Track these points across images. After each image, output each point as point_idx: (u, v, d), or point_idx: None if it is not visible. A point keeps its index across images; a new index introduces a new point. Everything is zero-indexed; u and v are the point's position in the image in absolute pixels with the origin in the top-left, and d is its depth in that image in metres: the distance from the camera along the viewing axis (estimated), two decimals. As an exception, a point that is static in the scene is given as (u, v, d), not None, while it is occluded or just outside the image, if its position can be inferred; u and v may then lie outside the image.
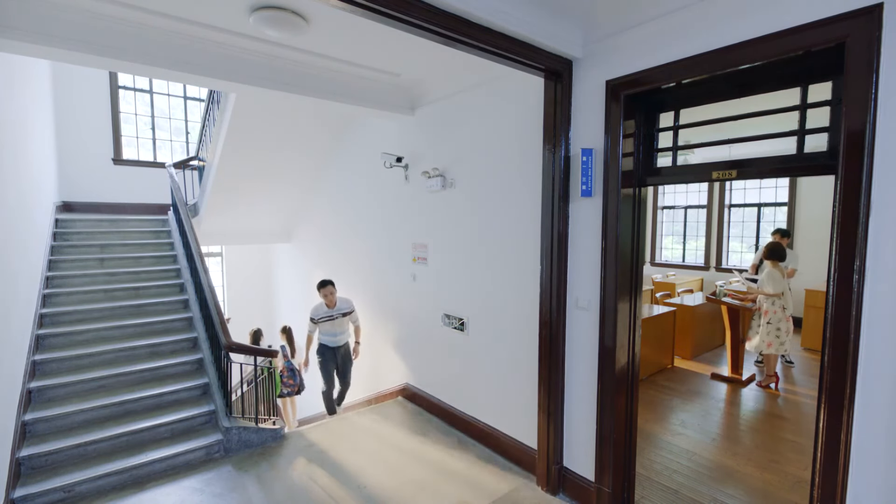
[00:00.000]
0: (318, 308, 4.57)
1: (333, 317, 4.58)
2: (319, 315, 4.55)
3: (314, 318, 4.56)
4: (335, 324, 4.60)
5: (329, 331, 4.60)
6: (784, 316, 4.47)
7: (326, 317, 4.55)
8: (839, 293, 1.73)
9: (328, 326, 4.57)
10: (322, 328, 4.59)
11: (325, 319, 4.55)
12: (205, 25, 2.83)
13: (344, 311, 4.64)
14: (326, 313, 4.56)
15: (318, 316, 4.55)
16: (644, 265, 3.87)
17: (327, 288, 4.57)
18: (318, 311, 4.56)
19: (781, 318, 4.47)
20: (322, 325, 4.57)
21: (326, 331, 4.60)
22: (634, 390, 2.62)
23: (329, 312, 4.56)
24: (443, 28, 2.04)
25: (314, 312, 4.56)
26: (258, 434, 3.55)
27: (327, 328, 4.58)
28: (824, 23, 1.72)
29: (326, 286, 4.56)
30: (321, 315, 4.56)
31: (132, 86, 7.22)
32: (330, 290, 4.56)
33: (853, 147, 1.67)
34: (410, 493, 2.94)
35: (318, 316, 4.55)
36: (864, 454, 1.72)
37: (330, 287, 4.57)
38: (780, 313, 4.47)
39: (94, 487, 2.95)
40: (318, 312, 4.56)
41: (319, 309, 4.57)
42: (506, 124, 3.23)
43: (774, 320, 4.47)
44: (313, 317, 4.56)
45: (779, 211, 7.71)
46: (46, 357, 3.67)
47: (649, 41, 2.28)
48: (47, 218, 5.02)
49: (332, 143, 5.51)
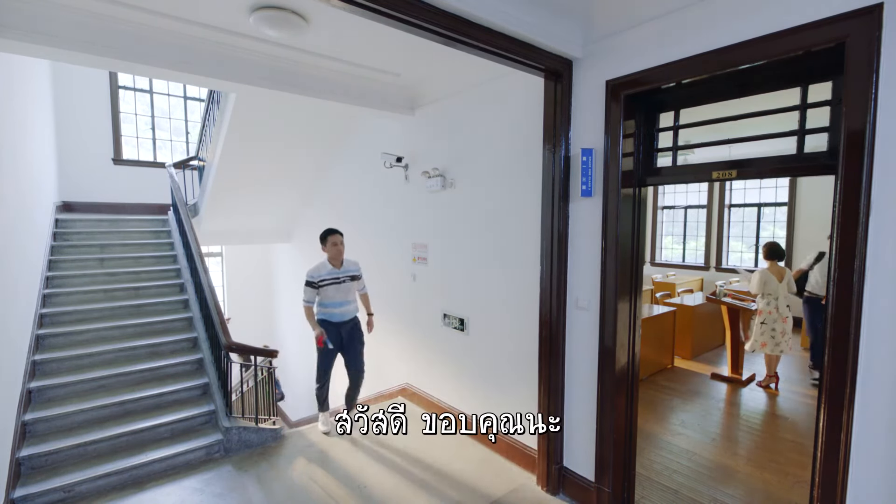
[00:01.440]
0: (319, 268, 3.51)
1: (340, 279, 3.51)
2: (321, 276, 3.46)
3: (314, 280, 3.46)
4: (342, 289, 3.54)
5: (333, 299, 3.51)
6: (780, 316, 4.46)
7: (332, 279, 3.48)
8: (839, 293, 1.73)
9: (332, 292, 3.49)
10: (324, 295, 3.50)
11: (329, 282, 3.47)
12: (205, 25, 2.83)
13: (352, 274, 3.63)
14: (332, 274, 3.50)
15: (320, 277, 3.46)
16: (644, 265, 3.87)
17: (335, 237, 3.50)
18: (320, 272, 3.48)
19: (777, 319, 4.45)
20: (325, 291, 3.49)
21: (329, 299, 3.51)
22: (634, 390, 2.62)
23: (335, 273, 3.51)
24: (443, 28, 2.04)
25: (314, 273, 3.48)
26: (258, 434, 3.55)
27: (331, 294, 3.49)
28: (824, 23, 1.71)
29: (334, 234, 3.51)
30: (324, 276, 3.47)
31: (132, 86, 7.22)
32: (338, 240, 3.51)
33: (853, 147, 1.67)
34: (410, 492, 2.94)
35: (318, 277, 3.46)
36: (864, 454, 1.72)
37: (338, 236, 3.52)
38: (775, 313, 4.46)
39: (94, 487, 2.95)
40: (318, 273, 3.48)
41: (321, 268, 3.50)
42: (506, 124, 3.23)
43: (769, 320, 4.46)
44: (312, 279, 3.46)
45: (779, 211, 7.71)
46: (46, 357, 3.67)
47: (649, 41, 2.28)
48: (47, 218, 5.02)
49: (332, 143, 5.51)
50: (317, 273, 3.48)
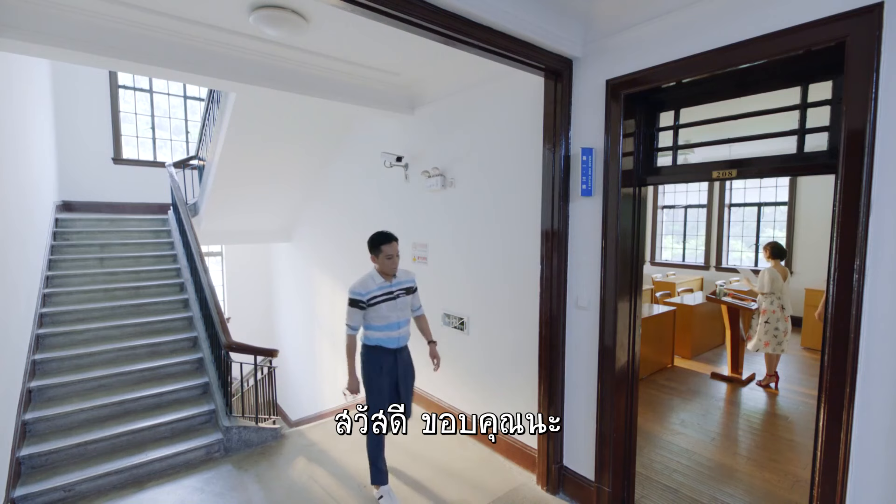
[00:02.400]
0: (366, 281, 2.70)
1: (394, 294, 2.74)
2: (371, 292, 2.67)
3: (362, 297, 2.65)
4: (398, 306, 2.75)
5: (388, 319, 2.72)
6: (783, 315, 4.47)
7: (384, 294, 2.71)
8: (839, 293, 1.72)
9: (386, 310, 2.71)
10: (376, 315, 2.70)
11: (381, 299, 2.70)
12: (205, 25, 2.82)
13: (407, 286, 2.84)
14: (383, 288, 2.72)
15: (369, 294, 2.67)
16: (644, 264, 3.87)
17: (391, 246, 2.71)
18: (368, 286, 2.68)
19: (780, 318, 4.47)
20: (377, 310, 2.69)
21: (384, 320, 2.72)
22: (634, 389, 2.62)
23: (387, 287, 2.73)
24: (443, 27, 2.04)
25: (360, 289, 2.67)
26: (258, 433, 3.55)
27: (384, 313, 2.71)
28: (824, 22, 1.71)
29: (389, 243, 2.72)
30: (374, 292, 2.68)
31: (132, 85, 7.22)
32: (394, 249, 2.74)
33: (853, 146, 1.67)
34: (410, 492, 2.94)
35: (367, 294, 2.66)
36: (864, 454, 1.72)
37: (394, 245, 2.74)
38: (779, 312, 4.47)
39: (94, 487, 2.95)
40: (367, 288, 2.67)
41: (369, 282, 2.70)
42: (506, 123, 3.23)
43: (773, 320, 4.47)
44: (360, 296, 2.66)
45: (779, 210, 7.70)
46: (46, 356, 3.67)
47: (649, 40, 2.28)
48: (47, 217, 5.02)
49: (332, 143, 5.50)
50: (364, 288, 2.66)
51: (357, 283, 2.71)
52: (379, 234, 2.76)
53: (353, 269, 5.34)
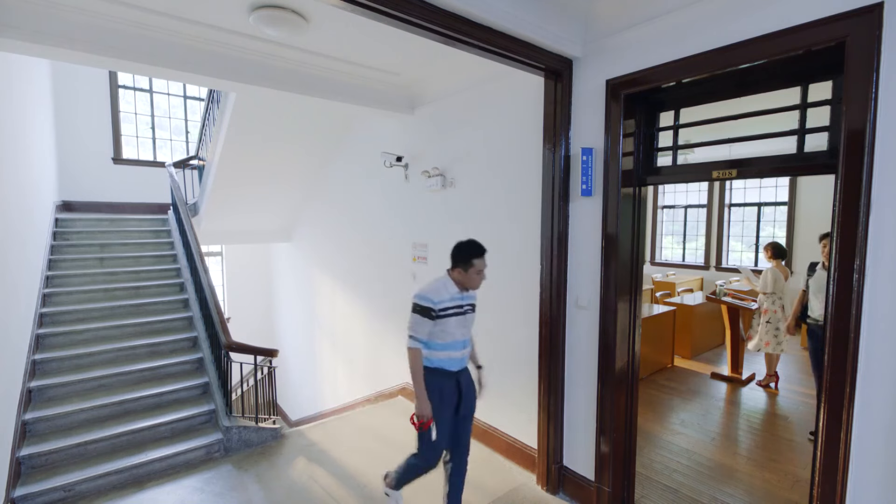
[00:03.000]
0: (440, 288, 2.34)
1: (463, 309, 2.39)
2: (442, 301, 2.30)
3: (435, 305, 2.28)
4: (465, 322, 2.41)
5: (454, 336, 2.36)
6: (784, 316, 4.48)
7: (455, 308, 2.35)
8: (839, 293, 1.72)
9: (454, 326, 2.35)
10: (443, 330, 2.33)
11: (452, 312, 2.33)
12: (205, 25, 2.82)
13: (474, 303, 2.48)
14: (455, 300, 2.35)
15: (441, 303, 2.30)
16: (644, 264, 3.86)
17: (483, 259, 2.38)
18: (441, 294, 2.31)
19: (781, 318, 4.47)
20: (445, 324, 2.32)
21: (450, 336, 2.34)
22: (634, 389, 2.62)
23: (459, 299, 2.37)
24: (443, 27, 2.04)
25: (432, 295, 2.30)
26: (258, 433, 3.55)
27: (452, 329, 2.34)
28: (824, 22, 1.71)
29: (483, 255, 2.38)
30: (445, 302, 2.31)
31: (132, 85, 7.22)
32: (484, 264, 2.40)
33: (853, 146, 1.67)
34: (410, 492, 2.94)
35: (439, 303, 2.29)
36: (864, 454, 1.72)
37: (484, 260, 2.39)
38: (780, 312, 4.48)
39: (94, 486, 2.95)
40: (439, 295, 2.31)
41: (443, 290, 2.33)
42: (506, 123, 3.23)
43: (774, 319, 4.47)
44: (432, 304, 2.29)
45: (779, 210, 7.70)
46: (46, 356, 3.67)
47: (649, 40, 2.28)
48: (47, 217, 5.02)
49: (332, 143, 5.50)
50: (437, 296, 2.29)
51: (428, 288, 2.32)
52: (471, 244, 2.36)
53: (354, 269, 5.35)
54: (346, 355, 5.64)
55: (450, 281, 2.37)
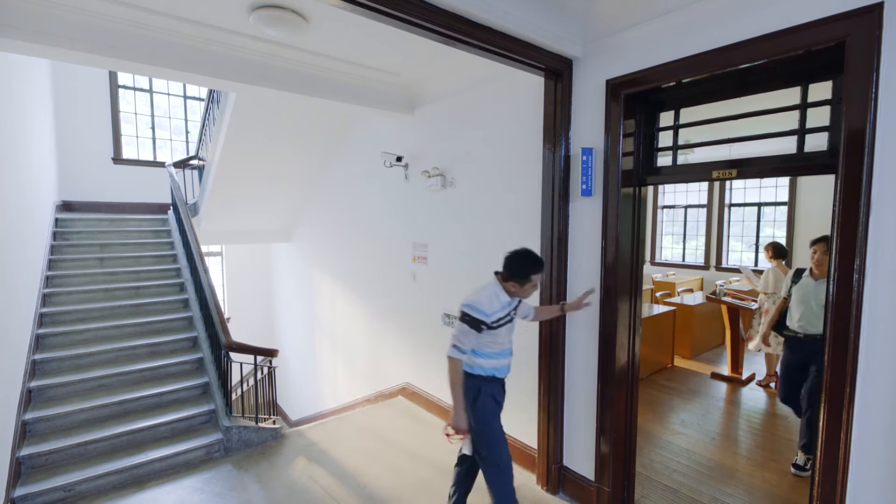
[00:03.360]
0: (492, 297, 2.22)
1: (510, 315, 2.31)
2: (495, 313, 2.21)
3: (488, 318, 2.18)
4: (513, 328, 2.38)
5: (502, 345, 2.31)
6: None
7: (506, 316, 2.28)
8: (839, 293, 1.72)
9: (504, 334, 2.30)
10: (495, 340, 2.26)
11: (504, 321, 2.27)
12: (205, 25, 2.82)
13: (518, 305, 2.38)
14: (506, 308, 2.27)
15: (494, 315, 2.20)
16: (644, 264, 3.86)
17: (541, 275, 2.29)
18: (493, 305, 2.20)
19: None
20: (494, 335, 2.25)
21: (501, 346, 2.30)
22: (634, 389, 2.62)
23: (509, 306, 2.29)
24: (443, 27, 2.04)
25: (485, 308, 2.18)
26: (258, 433, 3.55)
27: (502, 338, 2.30)
28: (824, 22, 1.71)
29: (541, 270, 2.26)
30: (498, 313, 2.22)
31: (132, 85, 7.22)
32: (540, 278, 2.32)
33: (853, 146, 1.67)
34: (410, 492, 2.94)
35: (492, 315, 2.19)
36: (864, 454, 1.72)
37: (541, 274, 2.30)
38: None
39: (94, 486, 2.95)
40: (492, 307, 2.20)
41: (494, 300, 2.22)
42: (506, 123, 3.23)
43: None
44: (485, 315, 2.17)
45: (779, 210, 7.70)
46: (46, 356, 3.67)
47: (649, 40, 2.28)
48: (47, 217, 5.02)
49: (332, 143, 5.50)
50: (490, 308, 2.18)
51: (481, 298, 2.19)
52: (530, 257, 2.22)
53: (354, 269, 5.35)
54: (346, 355, 5.64)
55: (501, 289, 2.26)
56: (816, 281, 3.11)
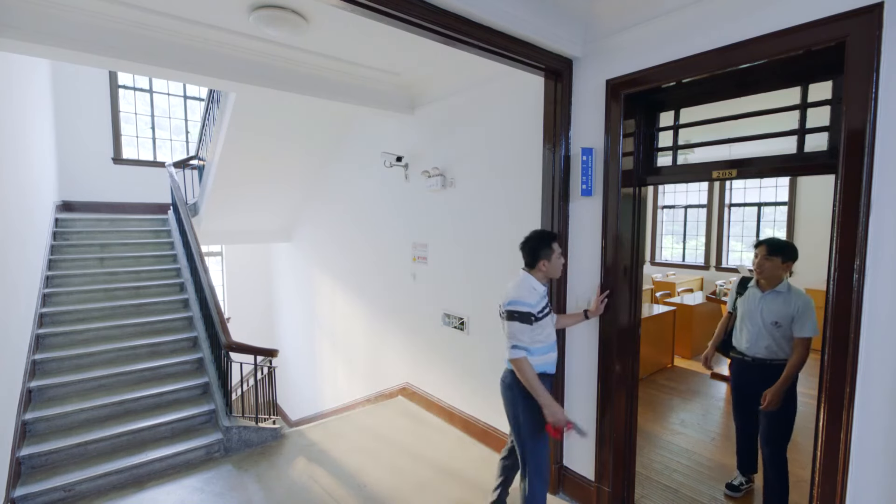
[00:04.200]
0: (531, 289, 2.19)
1: (550, 307, 2.29)
2: (538, 303, 2.17)
3: (532, 309, 2.13)
4: (553, 319, 2.33)
5: (549, 337, 2.24)
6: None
7: (547, 306, 2.24)
8: (839, 293, 1.72)
9: (549, 325, 2.25)
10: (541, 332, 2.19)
11: (546, 311, 2.22)
12: (205, 24, 2.82)
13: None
14: (545, 298, 2.24)
15: (538, 305, 2.16)
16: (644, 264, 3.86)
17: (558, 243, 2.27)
18: (533, 296, 2.16)
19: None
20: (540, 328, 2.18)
21: (547, 338, 2.23)
22: (634, 390, 2.62)
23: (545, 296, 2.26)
24: (443, 27, 2.04)
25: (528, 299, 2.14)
26: (258, 433, 3.55)
27: (548, 330, 2.23)
28: (824, 22, 1.71)
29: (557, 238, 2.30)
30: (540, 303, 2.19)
31: (132, 85, 7.22)
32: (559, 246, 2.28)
33: (853, 146, 1.67)
34: (410, 492, 2.94)
35: (536, 305, 2.15)
36: (864, 454, 1.72)
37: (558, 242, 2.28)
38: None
39: (94, 486, 2.95)
40: (533, 298, 2.16)
41: (532, 291, 2.19)
42: (506, 123, 3.23)
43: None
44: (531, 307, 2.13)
45: (779, 210, 7.70)
46: (46, 356, 3.67)
47: (649, 40, 2.28)
48: (47, 217, 5.02)
49: (332, 143, 5.50)
50: (531, 297, 2.14)
51: (521, 293, 2.14)
52: (541, 232, 2.25)
53: (354, 269, 5.35)
54: (346, 355, 5.64)
55: (534, 280, 2.22)
56: (763, 293, 2.58)
